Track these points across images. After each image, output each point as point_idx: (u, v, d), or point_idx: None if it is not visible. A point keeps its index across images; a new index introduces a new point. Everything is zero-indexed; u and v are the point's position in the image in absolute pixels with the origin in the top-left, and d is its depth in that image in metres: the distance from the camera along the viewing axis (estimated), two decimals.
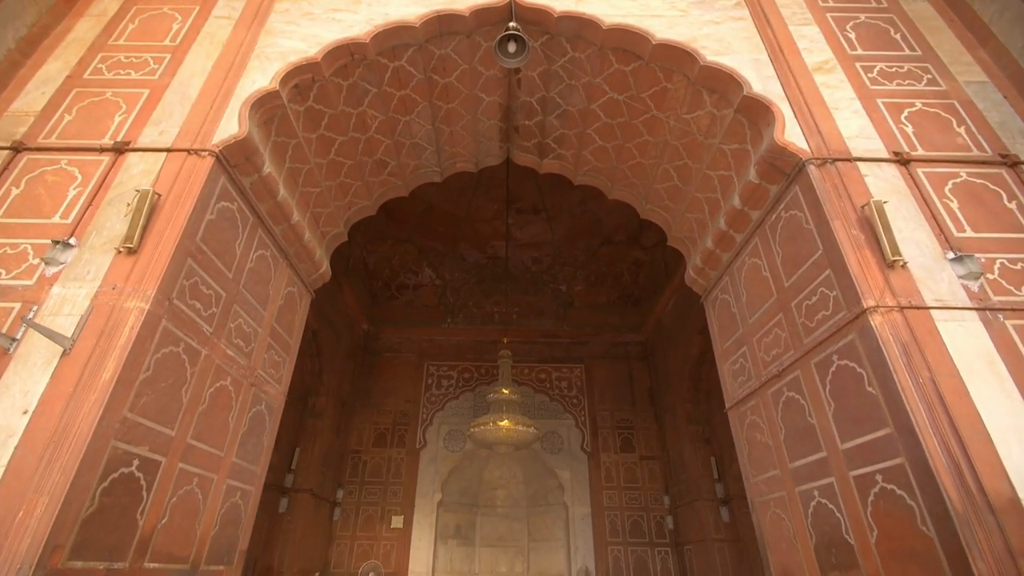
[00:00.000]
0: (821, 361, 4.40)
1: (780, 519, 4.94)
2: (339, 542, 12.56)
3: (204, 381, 4.61)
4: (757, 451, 5.37)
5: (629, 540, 12.76)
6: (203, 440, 4.61)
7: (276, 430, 5.93)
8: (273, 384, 5.87)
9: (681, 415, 12.42)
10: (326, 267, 6.96)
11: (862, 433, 3.93)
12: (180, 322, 4.30)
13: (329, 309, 12.76)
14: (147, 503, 3.93)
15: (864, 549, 3.86)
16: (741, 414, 5.70)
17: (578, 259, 15.63)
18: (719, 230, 5.94)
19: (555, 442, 13.91)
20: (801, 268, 4.72)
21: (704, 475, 11.66)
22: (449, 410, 14.25)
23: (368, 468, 13.47)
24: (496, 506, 14.48)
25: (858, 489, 3.95)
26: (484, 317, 15.68)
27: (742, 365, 5.72)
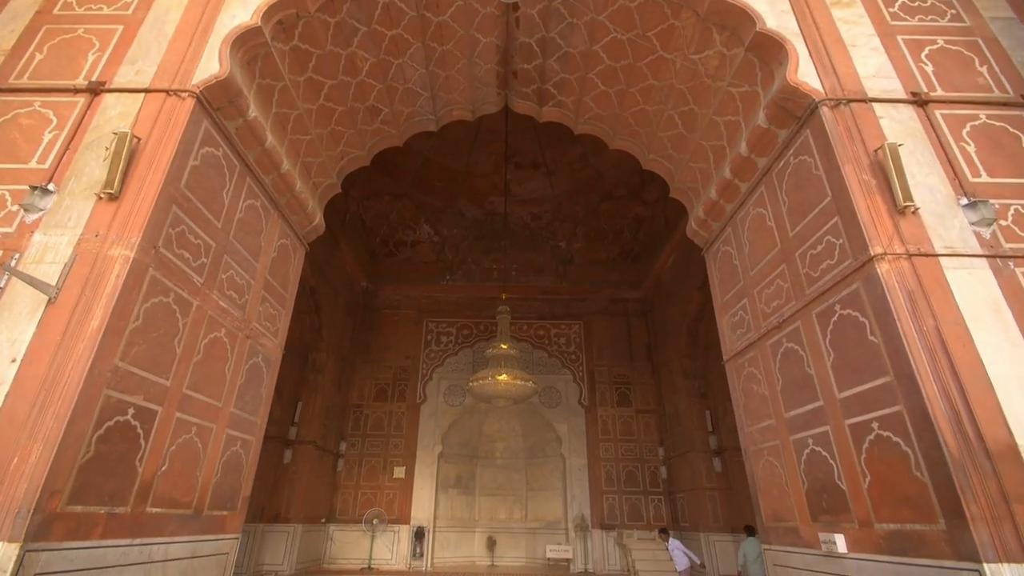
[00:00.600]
0: (823, 311, 4.31)
1: (773, 466, 5.00)
2: (343, 491, 12.95)
3: (197, 332, 4.55)
4: (753, 402, 5.39)
5: (624, 489, 13.17)
6: (200, 391, 4.59)
7: (274, 382, 5.93)
8: (269, 337, 5.82)
9: (678, 370, 12.53)
10: (319, 219, 6.78)
11: (861, 382, 3.90)
12: (168, 271, 4.18)
13: (327, 266, 12.63)
14: (145, 451, 3.94)
15: (856, 494, 3.91)
16: (739, 366, 5.69)
17: (578, 215, 15.37)
18: (723, 179, 5.73)
19: (553, 396, 14.11)
20: (807, 216, 4.56)
21: (698, 427, 11.88)
22: (448, 366, 14.37)
23: (370, 421, 13.72)
24: (495, 458, 14.87)
25: (853, 437, 3.96)
26: (483, 274, 15.58)
27: (741, 317, 5.65)
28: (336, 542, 12.37)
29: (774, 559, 4.91)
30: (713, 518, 11.10)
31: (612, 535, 12.71)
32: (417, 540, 12.38)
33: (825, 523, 4.24)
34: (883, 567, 3.61)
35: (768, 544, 5.02)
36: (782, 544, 4.79)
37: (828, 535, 4.12)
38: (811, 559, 4.37)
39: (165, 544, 4.10)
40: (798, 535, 4.56)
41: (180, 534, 4.30)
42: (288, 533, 10.86)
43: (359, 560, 12.15)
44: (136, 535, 3.81)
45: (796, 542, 4.59)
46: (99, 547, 3.48)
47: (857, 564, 3.85)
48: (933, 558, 3.24)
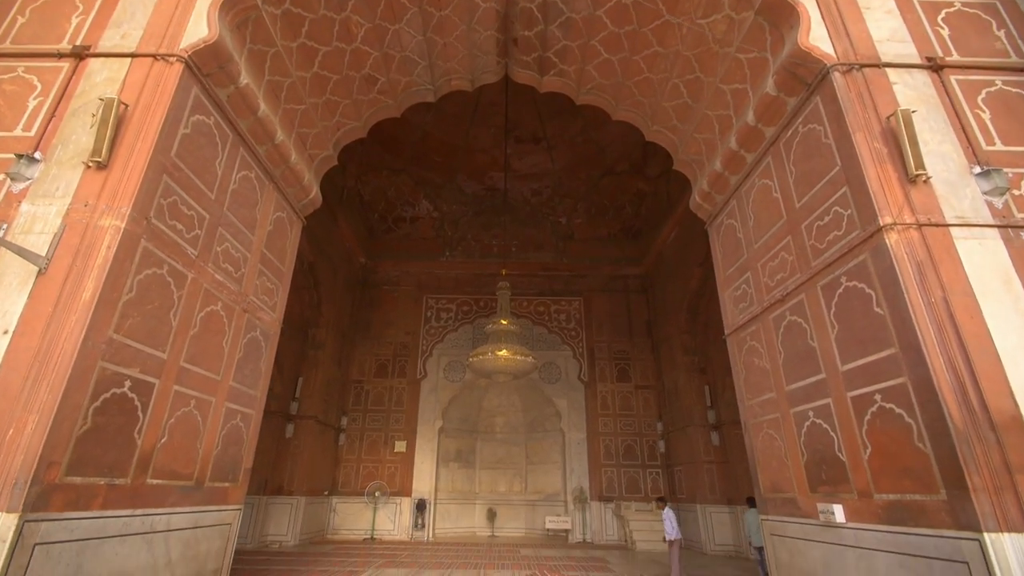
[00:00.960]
0: (828, 283, 4.24)
1: (772, 439, 5.00)
2: (345, 464, 13.11)
3: (193, 305, 4.48)
4: (754, 375, 5.36)
5: (622, 462, 13.33)
6: (197, 364, 4.54)
7: (273, 356, 5.89)
8: (267, 311, 5.75)
9: (677, 346, 12.54)
10: (316, 192, 6.64)
11: (865, 354, 3.85)
12: (161, 243, 4.09)
13: (325, 242, 12.51)
14: (144, 423, 3.91)
15: (856, 465, 3.90)
16: (740, 340, 5.64)
17: (579, 191, 15.16)
18: (729, 150, 5.59)
19: (553, 372, 14.17)
20: (815, 187, 4.44)
21: (697, 402, 11.95)
22: (449, 342, 14.39)
23: (370, 397, 13.80)
24: (495, 432, 15.02)
25: (855, 409, 3.93)
26: (483, 250, 15.46)
27: (744, 291, 5.58)
28: (339, 514, 12.58)
29: (771, 529, 4.96)
30: (710, 490, 11.25)
31: (610, 507, 12.92)
32: (419, 512, 12.59)
33: (824, 494, 4.25)
34: (881, 536, 3.63)
35: (766, 515, 5.06)
36: (780, 514, 4.83)
37: (827, 505, 4.14)
38: (809, 528, 4.40)
39: (167, 515, 4.12)
40: (796, 506, 4.59)
41: (182, 505, 4.32)
42: (291, 505, 11.02)
43: (362, 531, 12.38)
44: (137, 506, 3.82)
45: (794, 512, 4.62)
46: (100, 517, 3.48)
47: (855, 534, 3.87)
48: (933, 528, 3.24)
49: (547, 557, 10.00)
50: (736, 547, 10.77)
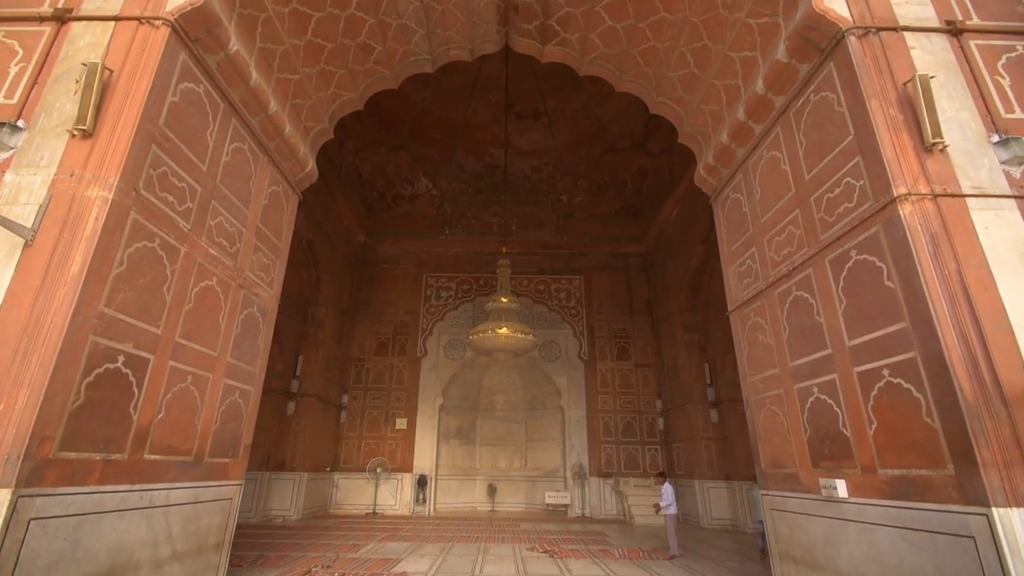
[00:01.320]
0: (837, 257, 4.12)
1: (775, 415, 4.95)
2: (347, 441, 13.19)
3: (187, 280, 4.37)
4: (757, 352, 5.29)
5: (621, 439, 13.41)
6: (193, 340, 4.46)
7: (271, 333, 5.81)
8: (264, 287, 5.65)
9: (678, 324, 12.48)
10: (312, 166, 6.46)
11: (873, 329, 3.76)
12: (152, 215, 3.96)
13: (323, 219, 12.34)
14: (140, 398, 3.85)
15: (860, 440, 3.85)
16: (744, 316, 5.56)
17: (580, 168, 14.92)
18: (737, 121, 5.40)
19: (553, 351, 14.15)
20: (826, 158, 4.29)
21: (697, 380, 11.96)
22: (449, 320, 14.33)
23: (371, 375, 13.81)
24: (495, 410, 15.09)
25: (861, 384, 3.86)
26: (483, 228, 15.29)
27: (749, 267, 5.47)
28: (341, 489, 12.71)
29: (771, 504, 4.95)
30: (708, 466, 11.34)
31: (609, 482, 13.05)
32: (420, 487, 12.71)
33: (826, 469, 4.21)
34: (884, 511, 3.59)
35: (766, 490, 5.05)
36: (780, 490, 4.81)
37: (829, 480, 4.11)
38: (809, 503, 4.38)
39: (166, 490, 4.08)
40: (797, 481, 4.56)
41: (181, 480, 4.28)
42: (294, 481, 11.11)
43: (364, 506, 12.52)
44: (135, 481, 3.77)
45: (795, 487, 4.60)
46: (96, 492, 3.43)
47: (857, 508, 3.84)
48: (939, 503, 3.20)
49: (547, 531, 10.12)
50: (732, 521, 10.90)
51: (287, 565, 6.51)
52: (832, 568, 4.05)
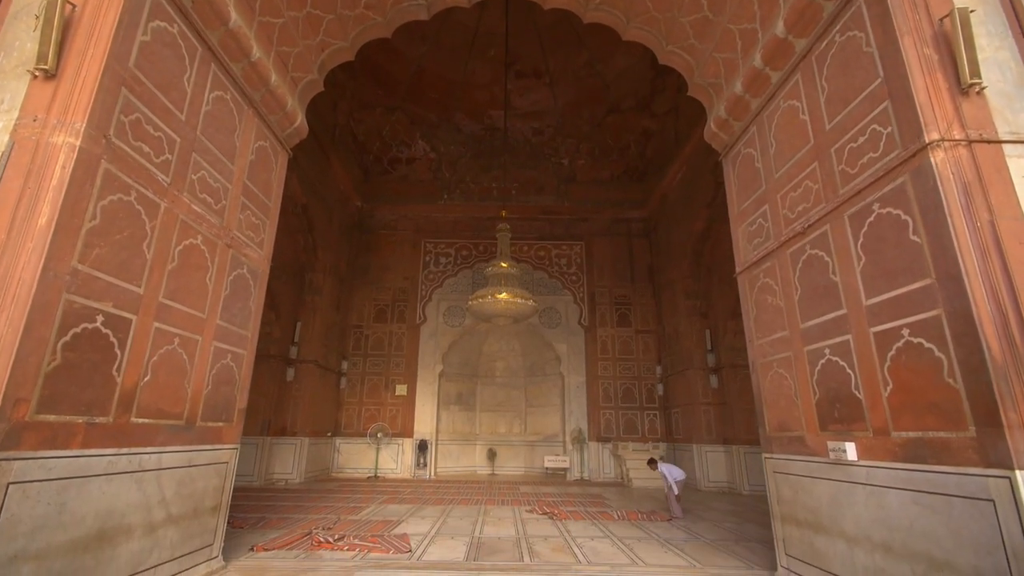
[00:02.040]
0: (858, 212, 3.87)
1: (782, 378, 4.80)
2: (347, 407, 13.21)
3: (169, 237, 4.12)
4: (766, 314, 5.10)
5: (621, 405, 13.44)
6: (179, 300, 4.25)
7: (263, 296, 5.60)
8: (253, 248, 5.40)
9: (680, 290, 12.30)
10: (301, 120, 6.11)
11: (893, 287, 3.55)
12: (126, 166, 3.68)
13: (318, 183, 11.97)
14: (123, 360, 3.66)
15: (873, 403, 3.70)
16: (752, 277, 5.34)
17: (582, 130, 14.43)
18: (752, 69, 5.04)
19: (553, 317, 14.02)
20: (850, 105, 3.98)
21: (698, 346, 11.87)
22: (448, 287, 14.15)
23: (370, 342, 13.72)
24: (495, 376, 15.08)
25: (877, 345, 3.67)
26: (482, 193, 14.92)
27: (760, 226, 5.21)
28: (343, 453, 12.80)
29: (774, 467, 4.86)
30: (707, 431, 11.37)
31: (608, 447, 13.15)
32: (420, 451, 12.81)
33: (835, 432, 4.08)
34: (895, 474, 3.47)
35: (770, 453, 4.95)
36: (785, 453, 4.71)
37: (838, 443, 3.98)
38: (815, 466, 4.28)
39: (157, 454, 3.96)
40: (803, 444, 4.45)
41: (173, 444, 4.16)
42: (295, 445, 11.15)
43: (366, 469, 12.64)
44: (123, 444, 3.63)
45: (800, 451, 4.49)
46: (81, 456, 3.29)
47: (867, 471, 3.72)
48: (957, 465, 3.06)
49: (546, 493, 10.20)
50: (729, 484, 11.00)
51: (288, 527, 6.51)
52: (837, 531, 3.97)
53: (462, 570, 4.78)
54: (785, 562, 4.63)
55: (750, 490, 10.49)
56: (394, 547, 5.49)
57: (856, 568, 3.76)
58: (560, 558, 5.28)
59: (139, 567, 3.74)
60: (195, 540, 4.40)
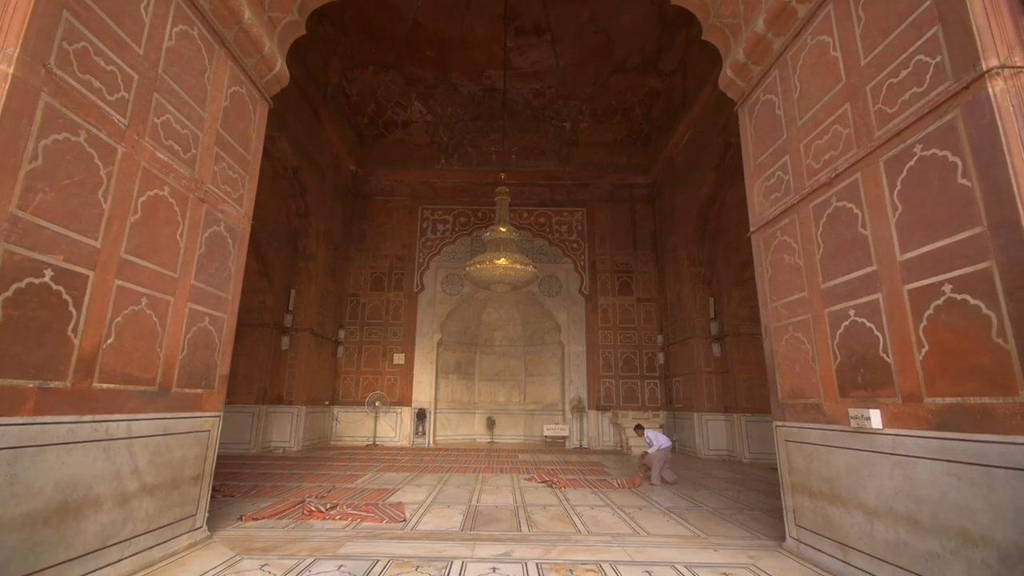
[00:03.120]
0: (896, 156, 3.44)
1: (798, 342, 4.46)
2: (345, 376, 13.00)
3: (130, 186, 3.70)
4: (782, 274, 4.72)
5: (621, 374, 13.23)
6: (145, 257, 3.86)
7: (244, 256, 5.21)
8: (231, 204, 4.98)
9: (683, 257, 11.90)
10: (282, 67, 5.58)
11: (934, 239, 3.15)
12: (73, 102, 3.23)
13: (309, 145, 11.41)
14: (80, 320, 3.30)
15: (904, 366, 3.35)
16: (768, 236, 4.93)
17: (584, 91, 13.72)
18: (777, 3, 4.51)
19: (553, 285, 13.66)
20: (891, 35, 3.49)
21: (700, 314, 11.55)
22: (446, 255, 13.74)
23: (367, 310, 13.40)
24: (494, 345, 14.83)
25: (912, 303, 3.30)
26: (480, 157, 14.33)
27: (779, 179, 4.77)
28: (341, 422, 12.66)
29: (786, 435, 4.57)
30: (708, 399, 11.17)
31: (607, 415, 13.00)
32: (419, 420, 12.65)
33: (857, 399, 3.76)
34: (927, 443, 3.15)
35: (782, 421, 4.65)
36: (799, 421, 4.41)
37: (861, 410, 3.66)
38: (832, 434, 3.98)
39: (126, 421, 3.64)
40: (820, 411, 4.14)
41: (145, 411, 3.84)
42: (292, 414, 10.96)
43: (364, 438, 12.51)
44: (84, 411, 3.31)
45: (816, 418, 4.18)
46: (34, 424, 2.96)
47: (893, 440, 3.41)
48: (1002, 433, 2.73)
49: (545, 462, 10.06)
50: (730, 452, 10.86)
51: (281, 495, 6.31)
52: (855, 502, 3.70)
53: (457, 540, 4.55)
54: (795, 532, 4.39)
55: (750, 458, 10.35)
56: (388, 516, 5.28)
57: (875, 541, 3.50)
58: (559, 528, 5.06)
59: (111, 540, 3.48)
60: (175, 511, 4.14)
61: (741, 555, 4.31)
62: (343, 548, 4.27)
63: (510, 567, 3.87)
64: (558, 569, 3.84)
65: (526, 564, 3.94)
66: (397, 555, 4.11)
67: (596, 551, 4.31)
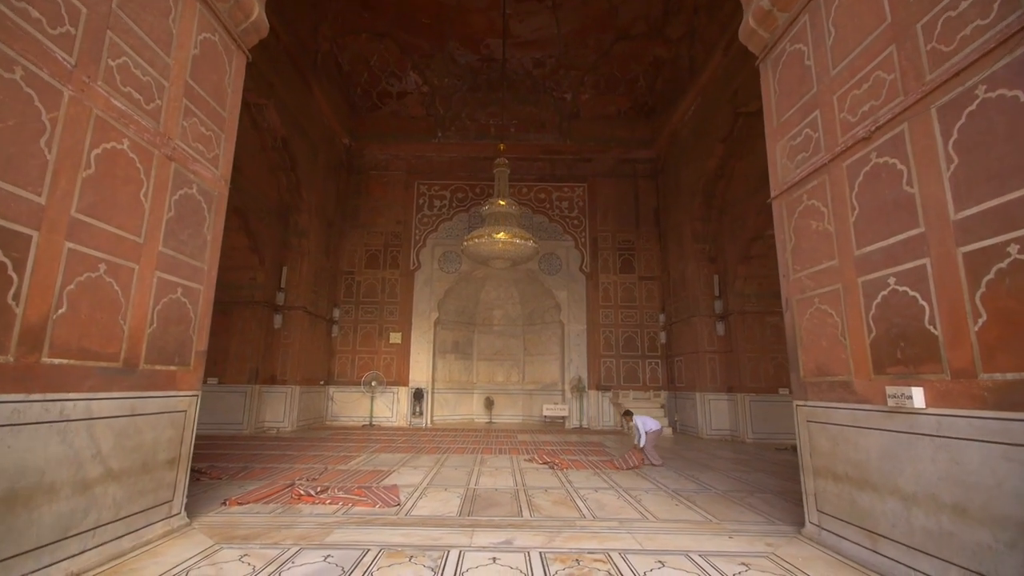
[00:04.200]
0: (952, 101, 2.99)
1: (825, 315, 4.07)
2: (340, 356, 12.64)
3: (79, 136, 3.23)
4: (808, 242, 4.30)
5: (622, 353, 12.90)
6: (102, 218, 3.41)
7: (221, 224, 4.75)
8: (205, 164, 4.50)
9: (688, 233, 11.47)
10: (259, 14, 5.04)
11: (1001, 192, 2.73)
12: (5, 33, 2.74)
13: (300, 114, 10.82)
14: (22, 286, 2.87)
15: (956, 339, 2.96)
16: (793, 201, 4.50)
17: (587, 60, 13.08)
18: None
19: (553, 263, 13.24)
20: None
21: (705, 293, 11.17)
22: (443, 231, 13.26)
23: (362, 289, 12.98)
24: (493, 324, 14.46)
25: (967, 268, 2.90)
26: (479, 131, 13.74)
27: (807, 137, 4.32)
28: (337, 402, 12.34)
29: (809, 415, 4.21)
30: (711, 379, 10.87)
31: (608, 395, 12.72)
32: (416, 400, 12.35)
33: (895, 375, 3.38)
34: (981, 424, 2.79)
35: (803, 400, 4.29)
36: (825, 400, 4.04)
37: (899, 388, 3.29)
38: (864, 415, 3.61)
39: (84, 400, 3.24)
40: (850, 390, 3.77)
41: (108, 390, 3.44)
42: (286, 394, 10.63)
43: (360, 418, 12.22)
44: (32, 389, 2.90)
45: (845, 397, 3.82)
46: None
47: (937, 420, 3.04)
48: None
49: (545, 442, 9.77)
50: (732, 432, 10.60)
51: (271, 477, 5.98)
52: (889, 487, 3.35)
53: (454, 527, 4.21)
54: (815, 518, 4.07)
55: (754, 438, 10.08)
56: (381, 500, 4.94)
57: (913, 530, 3.16)
58: (562, 512, 4.74)
59: (71, 530, 3.11)
60: (147, 497, 3.78)
61: (758, 542, 3.99)
62: (331, 536, 3.93)
63: (511, 556, 3.53)
64: (563, 559, 3.51)
65: (528, 553, 3.61)
66: (389, 543, 3.78)
67: (603, 538, 3.99)
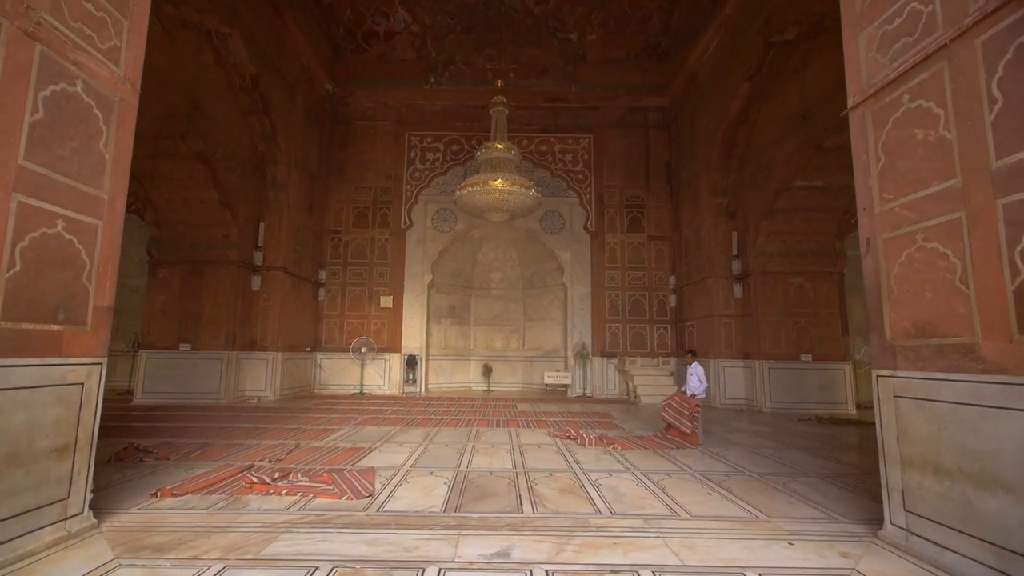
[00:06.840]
0: None
1: (934, 256, 2.94)
2: (328, 320, 11.60)
3: None
4: (907, 160, 3.13)
5: (628, 318, 11.86)
6: None
7: (129, 140, 3.56)
8: (97, 58, 3.27)
9: (704, 186, 10.22)
10: None
11: None
12: None
13: (272, 52, 9.39)
14: None
15: None
16: (886, 106, 3.30)
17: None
18: None
19: (555, 221, 12.03)
20: None
21: (722, 252, 10.02)
22: (436, 187, 11.99)
23: (350, 249, 11.82)
24: (491, 287, 13.37)
25: None
26: (475, 76, 12.26)
27: (913, 14, 3.08)
28: (325, 369, 11.38)
29: (899, 389, 3.15)
30: (726, 345, 9.85)
31: (613, 362, 11.75)
32: (410, 367, 11.38)
33: None
34: None
35: (891, 368, 3.21)
36: (927, 370, 2.96)
37: None
38: (996, 389, 2.54)
39: None
40: (973, 356, 2.68)
41: None
42: (267, 361, 9.64)
43: (351, 386, 11.28)
44: None
45: (963, 366, 2.73)
46: None
47: None
48: None
49: (546, 412, 8.82)
50: (748, 401, 9.65)
51: (229, 457, 5.00)
52: None
53: (436, 529, 3.21)
54: (902, 520, 3.05)
55: (772, 407, 9.14)
56: (351, 490, 3.95)
57: None
58: (571, 505, 3.74)
59: None
60: (25, 497, 2.75)
61: (828, 551, 2.99)
62: (273, 545, 2.92)
63: None
64: None
65: (531, 573, 2.60)
66: (347, 557, 2.77)
67: (627, 546, 2.98)
